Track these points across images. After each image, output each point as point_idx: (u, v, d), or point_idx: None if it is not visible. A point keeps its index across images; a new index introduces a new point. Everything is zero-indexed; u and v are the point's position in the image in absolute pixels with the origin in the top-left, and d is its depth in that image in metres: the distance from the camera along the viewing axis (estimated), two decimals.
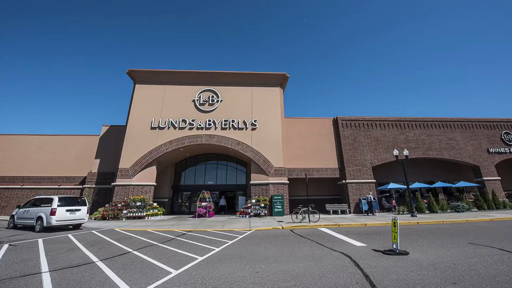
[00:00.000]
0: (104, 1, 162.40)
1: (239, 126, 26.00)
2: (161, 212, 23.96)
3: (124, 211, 21.86)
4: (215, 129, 25.82)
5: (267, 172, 24.76)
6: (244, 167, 29.39)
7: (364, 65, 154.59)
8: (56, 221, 14.64)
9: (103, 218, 21.43)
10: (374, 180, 26.46)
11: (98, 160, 26.96)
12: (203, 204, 23.81)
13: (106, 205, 22.66)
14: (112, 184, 24.21)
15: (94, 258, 8.13)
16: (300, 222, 17.45)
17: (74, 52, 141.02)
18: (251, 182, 24.92)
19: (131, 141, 25.00)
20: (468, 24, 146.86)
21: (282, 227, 15.36)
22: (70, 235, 12.98)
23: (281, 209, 23.24)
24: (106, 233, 13.92)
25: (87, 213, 16.38)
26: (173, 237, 12.32)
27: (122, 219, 21.41)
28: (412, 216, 20.12)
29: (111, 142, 27.55)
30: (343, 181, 26.46)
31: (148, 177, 24.64)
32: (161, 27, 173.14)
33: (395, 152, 23.46)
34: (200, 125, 25.74)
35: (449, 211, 23.78)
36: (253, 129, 26.02)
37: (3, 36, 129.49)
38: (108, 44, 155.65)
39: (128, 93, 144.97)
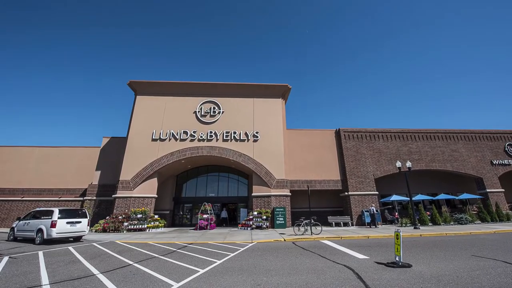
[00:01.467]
0: (105, 12, 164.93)
1: (241, 138, 26.05)
2: (162, 224, 23.81)
3: (125, 223, 21.76)
4: (216, 141, 25.86)
5: (269, 184, 24.68)
6: (245, 179, 29.32)
7: (366, 77, 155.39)
8: (57, 233, 14.58)
9: (104, 230, 21.34)
10: (377, 192, 26.33)
11: (98, 172, 26.93)
12: (205, 216, 23.67)
13: (107, 217, 22.58)
14: (113, 196, 24.16)
15: (94, 270, 8.09)
16: (302, 234, 17.33)
17: (74, 63, 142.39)
18: (253, 194, 24.82)
19: (132, 153, 25.04)
20: (471, 35, 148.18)
21: (284, 240, 15.27)
22: (70, 248, 12.92)
23: (283, 221, 23.07)
24: (107, 245, 13.85)
25: (88, 225, 16.32)
26: (174, 249, 12.25)
27: (123, 232, 21.31)
28: (415, 228, 19.97)
29: (112, 154, 27.53)
30: (346, 193, 26.33)
31: (149, 189, 24.60)
32: (162, 38, 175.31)
33: (398, 164, 23.40)
34: (201, 136, 25.80)
35: (452, 223, 23.59)
36: (254, 141, 26.05)
37: (3, 46, 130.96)
38: (108, 55, 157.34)
39: (129, 104, 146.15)
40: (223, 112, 27.06)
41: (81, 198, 26.54)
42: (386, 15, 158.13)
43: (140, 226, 21.95)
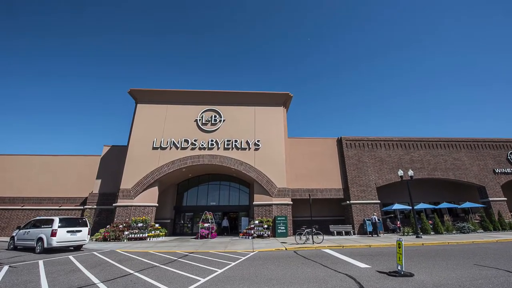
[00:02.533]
0: (105, 19, 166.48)
1: (242, 146, 26.08)
2: (163, 233, 23.75)
3: (126, 232, 21.70)
4: (217, 149, 25.89)
5: (270, 193, 24.62)
6: (247, 187, 29.26)
7: (369, 85, 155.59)
8: (57, 242, 14.52)
9: (104, 239, 21.27)
10: (379, 201, 26.23)
11: (99, 181, 26.92)
12: (206, 225, 23.59)
13: (108, 226, 22.52)
14: (113, 205, 24.11)
15: (95, 279, 8.05)
16: (304, 243, 17.25)
17: (74, 72, 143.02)
18: (254, 203, 24.74)
19: (133, 162, 25.05)
20: (475, 44, 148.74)
21: (286, 248, 15.19)
22: (71, 257, 12.87)
23: (284, 230, 22.97)
24: (108, 254, 13.79)
25: (88, 234, 16.26)
26: (175, 258, 12.19)
27: (123, 240, 21.23)
28: (417, 237, 19.86)
29: (112, 162, 27.52)
30: (347, 201, 26.24)
31: (150, 197, 24.55)
32: (163, 46, 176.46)
33: (400, 172, 23.37)
34: (202, 145, 25.84)
35: (454, 232, 23.46)
36: (256, 149, 26.07)
37: (3, 53, 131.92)
38: (109, 62, 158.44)
39: (130, 112, 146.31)
40: (224, 120, 27.14)
41: (82, 207, 26.50)
42: (389, 23, 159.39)
43: (141, 235, 21.88)
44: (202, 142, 25.93)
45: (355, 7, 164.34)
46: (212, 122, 26.96)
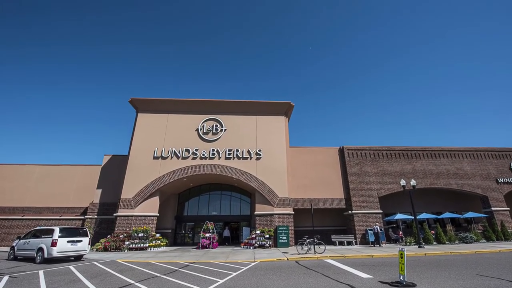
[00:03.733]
0: (105, 28, 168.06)
1: (243, 156, 26.08)
2: (164, 243, 23.62)
3: (126, 242, 21.61)
4: (219, 159, 25.90)
5: (272, 203, 24.54)
6: (248, 197, 29.17)
7: (370, 94, 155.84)
8: (57, 252, 14.47)
9: (105, 249, 21.18)
10: (381, 211, 26.08)
11: (99, 190, 26.88)
12: (207, 235, 23.49)
13: (108, 236, 22.43)
14: (114, 214, 24.06)
15: None
16: (306, 253, 17.13)
17: (74, 80, 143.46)
18: (255, 212, 24.64)
19: (134, 171, 25.05)
20: (478, 51, 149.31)
21: (287, 259, 15.10)
22: (71, 267, 12.82)
23: (286, 240, 22.84)
24: (108, 264, 13.73)
25: (89, 244, 16.23)
26: (176, 268, 12.12)
27: (124, 250, 21.12)
28: (419, 247, 19.73)
29: (113, 172, 27.48)
30: (349, 211, 26.12)
31: (150, 207, 24.47)
32: (164, 55, 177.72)
33: (402, 182, 23.31)
34: (203, 154, 25.85)
35: (457, 242, 23.27)
36: (257, 159, 26.07)
37: (3, 64, 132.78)
38: (109, 72, 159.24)
39: (131, 122, 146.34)
40: (225, 129, 27.21)
41: (82, 217, 26.43)
42: (393, 28, 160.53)
43: (142, 245, 21.78)
44: (203, 151, 25.96)
45: (357, 11, 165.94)
46: (213, 131, 27.03)
